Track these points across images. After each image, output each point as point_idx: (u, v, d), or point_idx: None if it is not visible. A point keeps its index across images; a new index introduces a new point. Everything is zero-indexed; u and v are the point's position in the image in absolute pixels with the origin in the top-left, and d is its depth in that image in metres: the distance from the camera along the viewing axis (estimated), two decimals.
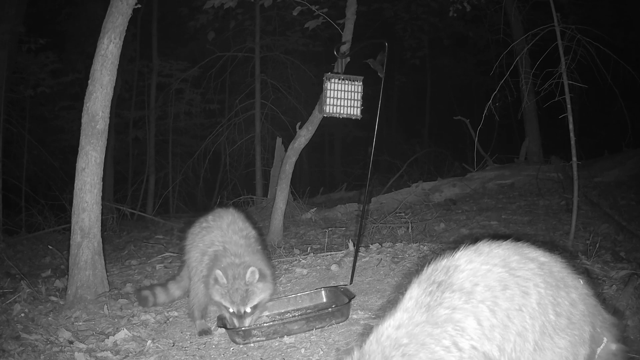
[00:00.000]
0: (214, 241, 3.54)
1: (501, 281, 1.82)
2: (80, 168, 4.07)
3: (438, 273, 1.89)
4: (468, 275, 1.83)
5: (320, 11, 5.91)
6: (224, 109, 13.18)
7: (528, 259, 1.91)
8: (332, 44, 5.50)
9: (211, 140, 11.51)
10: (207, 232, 3.64)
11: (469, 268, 1.86)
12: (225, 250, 3.40)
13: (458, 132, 13.83)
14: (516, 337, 1.76)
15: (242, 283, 3.17)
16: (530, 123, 9.74)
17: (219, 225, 3.64)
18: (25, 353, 3.19)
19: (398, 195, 8.34)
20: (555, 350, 1.80)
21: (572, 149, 4.66)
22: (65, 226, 7.20)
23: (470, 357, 1.70)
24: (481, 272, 1.84)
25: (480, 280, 1.82)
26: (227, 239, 3.51)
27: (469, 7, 7.13)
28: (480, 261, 1.87)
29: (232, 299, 3.16)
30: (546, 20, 5.06)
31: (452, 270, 1.86)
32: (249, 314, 3.20)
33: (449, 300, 1.79)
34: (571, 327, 1.84)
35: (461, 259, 1.90)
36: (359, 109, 4.34)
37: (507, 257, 1.89)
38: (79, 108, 4.19)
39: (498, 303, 1.78)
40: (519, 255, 1.91)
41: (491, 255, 1.90)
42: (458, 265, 1.88)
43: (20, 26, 9.14)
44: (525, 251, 1.95)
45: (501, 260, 1.87)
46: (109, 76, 4.11)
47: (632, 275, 3.53)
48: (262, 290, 3.24)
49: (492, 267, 1.85)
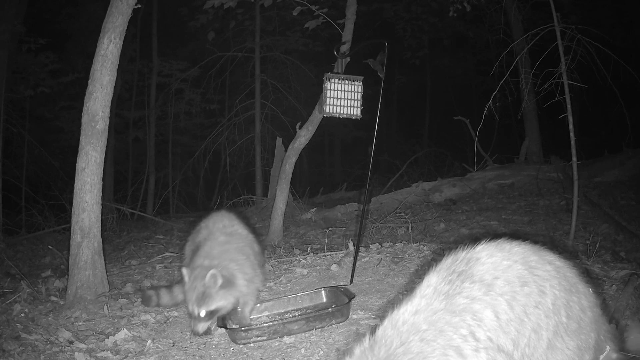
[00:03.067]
0: (200, 241, 3.56)
1: (520, 277, 1.86)
2: (80, 168, 4.07)
3: (459, 263, 1.92)
4: (489, 269, 1.87)
5: (320, 11, 5.91)
6: (224, 109, 13.19)
7: (546, 261, 1.96)
8: (332, 44, 5.49)
9: (211, 140, 11.52)
10: (197, 234, 3.71)
11: (490, 262, 1.89)
12: (203, 250, 3.39)
13: (458, 132, 13.82)
14: (531, 333, 1.79)
15: (200, 284, 3.11)
16: (530, 123, 9.74)
17: (206, 225, 3.69)
18: (25, 353, 3.19)
19: (398, 195, 8.34)
20: (565, 352, 1.84)
21: (572, 149, 4.66)
22: (65, 226, 7.20)
23: (485, 348, 1.72)
24: (502, 267, 1.88)
25: (500, 274, 1.85)
26: (208, 238, 3.51)
27: (469, 7, 7.13)
28: (502, 256, 1.91)
29: (188, 296, 3.14)
30: (546, 20, 5.06)
31: (474, 262, 1.90)
32: (203, 319, 3.12)
33: (468, 290, 1.81)
34: (579, 331, 1.88)
35: (483, 252, 1.94)
36: (359, 109, 4.34)
37: (527, 256, 1.94)
38: (79, 108, 4.19)
39: (516, 298, 1.81)
40: (537, 256, 1.96)
41: (512, 252, 1.94)
42: (479, 257, 1.92)
43: (20, 26, 9.14)
44: (543, 253, 2.00)
45: (521, 258, 1.92)
46: (109, 76, 4.11)
47: (632, 275, 3.53)
48: (222, 297, 3.14)
49: (512, 264, 1.89)
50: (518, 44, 6.38)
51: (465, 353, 1.69)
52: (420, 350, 1.69)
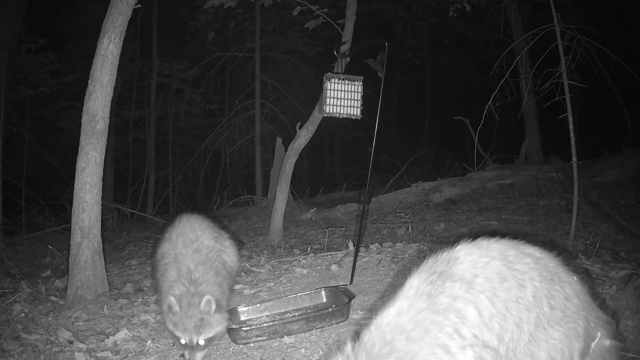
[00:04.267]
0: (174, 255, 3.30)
1: (499, 273, 1.88)
2: (80, 168, 4.07)
3: (439, 264, 1.94)
4: (468, 267, 1.89)
5: (320, 11, 5.91)
6: (224, 109, 13.19)
7: (524, 254, 1.98)
8: (332, 44, 5.49)
9: (211, 140, 11.52)
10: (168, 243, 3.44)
11: (469, 260, 1.92)
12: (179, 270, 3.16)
13: (458, 132, 13.82)
14: (513, 327, 1.82)
15: (196, 312, 2.97)
16: (530, 123, 9.74)
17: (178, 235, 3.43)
18: (25, 353, 3.19)
19: (398, 195, 8.34)
20: (549, 342, 1.86)
21: (572, 149, 4.66)
22: (65, 226, 7.20)
23: (471, 345, 1.74)
24: (480, 264, 1.90)
25: (480, 272, 1.87)
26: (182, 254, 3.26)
27: (469, 7, 7.13)
28: (480, 254, 1.94)
29: (183, 326, 2.94)
30: (546, 20, 5.06)
31: (453, 262, 1.92)
32: (202, 347, 2.98)
33: (450, 290, 1.84)
34: (565, 320, 1.90)
35: (461, 251, 1.97)
36: (359, 109, 4.34)
37: (504, 251, 1.96)
38: (79, 108, 4.19)
39: (497, 294, 1.83)
40: (515, 250, 1.98)
41: (490, 249, 1.97)
42: (458, 257, 1.94)
43: (20, 26, 9.14)
44: (522, 247, 2.02)
45: (499, 254, 1.94)
46: (109, 76, 4.11)
47: (632, 275, 3.53)
48: (218, 322, 3.04)
49: (490, 260, 1.91)
50: (518, 44, 6.37)
51: (453, 351, 1.71)
52: (408, 349, 1.71)
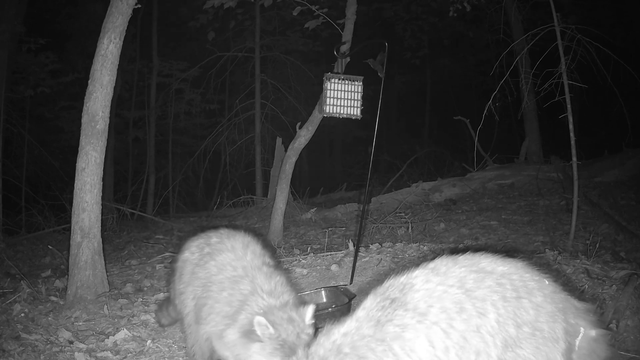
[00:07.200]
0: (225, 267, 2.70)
1: (457, 303, 1.81)
2: (80, 168, 4.07)
3: (393, 289, 1.89)
4: (423, 296, 1.83)
5: (320, 11, 5.91)
6: (224, 109, 13.20)
7: (485, 273, 1.89)
8: (332, 44, 5.49)
9: (211, 140, 11.52)
10: (211, 257, 2.77)
11: (425, 288, 1.85)
12: (252, 283, 2.55)
13: (458, 132, 13.84)
14: (475, 357, 1.76)
15: (302, 325, 2.36)
16: (530, 123, 9.75)
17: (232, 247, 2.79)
18: (25, 353, 3.19)
19: (398, 195, 8.34)
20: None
21: (572, 149, 4.66)
22: (65, 226, 7.19)
23: None
24: (437, 294, 1.83)
25: (435, 302, 1.81)
26: (246, 265, 2.67)
27: (469, 7, 7.13)
28: (437, 281, 1.86)
29: (294, 350, 2.22)
30: (546, 20, 5.07)
31: (408, 289, 1.86)
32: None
33: (400, 319, 1.79)
34: (537, 333, 1.82)
35: (418, 277, 1.90)
36: (359, 109, 4.34)
37: (464, 277, 1.87)
38: (79, 108, 4.19)
39: (453, 325, 1.77)
40: (475, 272, 1.89)
41: (448, 275, 1.88)
42: (414, 284, 1.88)
43: (20, 26, 9.14)
44: (483, 265, 1.93)
45: (458, 281, 1.86)
46: (109, 76, 4.11)
47: (632, 275, 3.54)
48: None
49: (447, 289, 1.84)
50: (518, 44, 6.38)
51: None
52: None
